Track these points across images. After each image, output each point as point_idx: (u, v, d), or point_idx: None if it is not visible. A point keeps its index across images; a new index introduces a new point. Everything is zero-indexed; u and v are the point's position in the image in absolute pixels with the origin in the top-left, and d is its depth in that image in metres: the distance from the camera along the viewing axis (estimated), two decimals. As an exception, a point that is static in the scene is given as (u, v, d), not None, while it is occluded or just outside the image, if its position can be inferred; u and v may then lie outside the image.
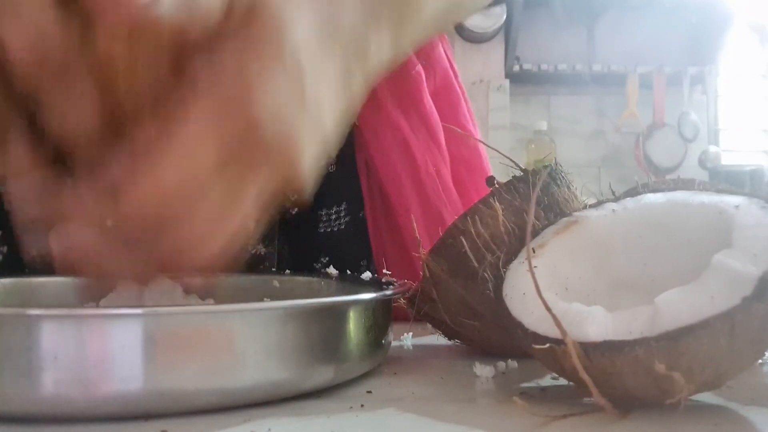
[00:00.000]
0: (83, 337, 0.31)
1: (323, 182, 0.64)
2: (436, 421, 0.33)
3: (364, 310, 0.40)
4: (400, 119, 0.64)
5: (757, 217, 0.35)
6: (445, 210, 0.63)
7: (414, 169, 0.64)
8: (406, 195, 0.64)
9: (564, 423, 0.32)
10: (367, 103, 0.63)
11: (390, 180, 0.64)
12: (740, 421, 0.34)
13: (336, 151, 0.63)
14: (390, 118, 0.64)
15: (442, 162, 0.66)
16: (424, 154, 0.65)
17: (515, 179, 0.46)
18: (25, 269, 0.58)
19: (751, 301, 0.30)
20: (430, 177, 0.64)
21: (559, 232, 0.42)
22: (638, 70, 2.88)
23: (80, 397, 0.31)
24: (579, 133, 3.02)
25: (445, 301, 0.46)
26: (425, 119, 0.66)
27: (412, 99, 0.65)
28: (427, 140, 0.65)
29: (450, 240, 0.44)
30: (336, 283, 0.52)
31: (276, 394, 0.36)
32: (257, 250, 0.60)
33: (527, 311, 0.36)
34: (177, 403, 0.33)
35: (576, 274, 0.41)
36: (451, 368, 0.45)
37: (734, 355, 0.32)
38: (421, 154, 0.64)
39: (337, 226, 0.65)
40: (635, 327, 0.32)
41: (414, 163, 0.64)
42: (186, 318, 0.34)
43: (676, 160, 2.92)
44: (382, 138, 0.64)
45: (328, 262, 0.64)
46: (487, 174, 0.71)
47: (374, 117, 0.64)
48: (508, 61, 2.77)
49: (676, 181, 0.42)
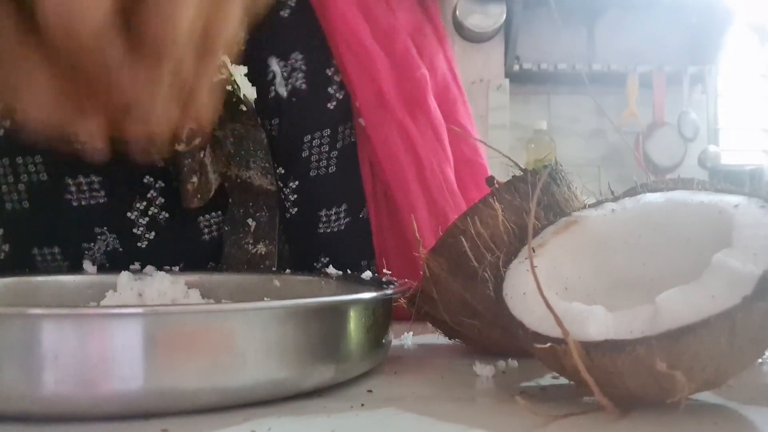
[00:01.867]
0: (84, 336, 0.31)
1: (323, 183, 0.64)
2: (437, 420, 0.33)
3: (365, 310, 0.40)
4: (407, 120, 0.65)
5: (757, 216, 0.35)
6: (450, 210, 0.64)
7: (420, 169, 0.65)
8: (412, 195, 0.64)
9: (564, 422, 0.33)
10: (374, 103, 0.64)
11: (396, 180, 0.64)
12: (740, 420, 0.34)
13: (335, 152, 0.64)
14: (397, 119, 0.64)
15: (447, 163, 0.66)
16: (430, 154, 0.65)
17: (515, 179, 0.46)
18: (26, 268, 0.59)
19: (751, 300, 0.30)
20: (436, 177, 0.65)
21: (558, 231, 0.42)
22: (638, 69, 2.88)
23: (81, 397, 0.31)
24: (579, 132, 3.02)
25: (445, 301, 0.46)
26: (430, 120, 0.66)
27: (417, 100, 0.66)
28: (433, 141, 0.66)
29: (450, 239, 0.45)
30: (336, 282, 0.52)
31: (276, 394, 0.36)
32: (258, 249, 0.60)
33: (528, 310, 0.36)
34: (177, 402, 0.33)
35: (575, 274, 0.41)
36: (452, 367, 0.45)
37: (735, 353, 0.32)
38: (426, 155, 0.65)
39: (336, 227, 0.65)
40: (636, 326, 0.32)
41: (420, 163, 0.65)
42: (186, 317, 0.34)
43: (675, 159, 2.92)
44: (390, 138, 0.64)
45: (328, 262, 0.64)
46: (485, 172, 0.71)
47: (381, 117, 0.64)
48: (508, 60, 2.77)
49: (676, 181, 0.42)
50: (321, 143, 0.64)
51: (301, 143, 0.63)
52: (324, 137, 0.64)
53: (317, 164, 0.64)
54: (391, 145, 0.64)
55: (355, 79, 0.64)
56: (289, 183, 0.63)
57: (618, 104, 2.94)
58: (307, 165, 0.64)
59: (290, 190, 0.63)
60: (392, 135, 0.64)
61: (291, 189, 0.63)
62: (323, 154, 0.64)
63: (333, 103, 0.64)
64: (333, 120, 0.65)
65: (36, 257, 0.60)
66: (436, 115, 0.67)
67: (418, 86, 0.66)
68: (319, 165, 0.64)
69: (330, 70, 0.65)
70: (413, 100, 0.66)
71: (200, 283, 0.53)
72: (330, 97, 0.64)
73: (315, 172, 0.64)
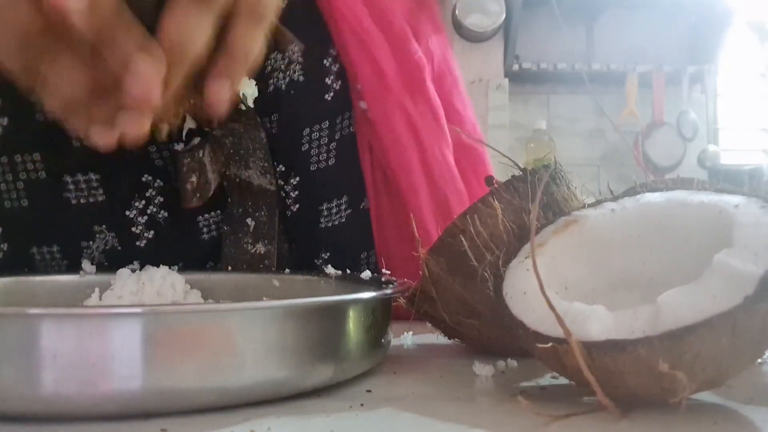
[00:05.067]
0: (83, 335, 0.31)
1: (324, 176, 0.64)
2: (436, 420, 0.33)
3: (364, 309, 0.40)
4: (408, 102, 0.65)
5: (757, 216, 0.35)
6: (451, 193, 0.64)
7: (422, 151, 0.65)
8: (415, 177, 0.64)
9: (564, 422, 0.32)
10: (376, 84, 0.64)
11: (399, 162, 0.64)
12: (739, 420, 0.34)
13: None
14: (399, 102, 0.64)
15: (446, 145, 0.67)
16: (431, 137, 0.65)
17: (514, 178, 0.46)
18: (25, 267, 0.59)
19: (752, 300, 0.30)
20: (437, 160, 0.65)
21: (558, 231, 0.42)
22: (637, 69, 2.88)
23: (80, 396, 0.31)
24: (578, 132, 3.02)
25: (444, 300, 0.46)
26: (430, 103, 0.66)
27: (417, 83, 0.66)
28: (432, 124, 0.66)
29: (449, 239, 0.44)
30: (336, 282, 0.52)
31: (276, 393, 0.36)
32: (257, 249, 0.60)
33: (528, 310, 0.36)
34: (176, 402, 0.33)
35: (575, 274, 0.41)
36: (451, 367, 0.45)
37: (736, 353, 0.32)
38: (427, 138, 0.65)
39: (338, 220, 0.65)
40: (637, 326, 0.32)
41: (422, 146, 0.65)
42: (185, 317, 0.33)
43: (675, 159, 2.92)
44: (392, 119, 0.64)
45: (329, 257, 0.64)
46: (483, 159, 0.71)
47: (384, 98, 0.64)
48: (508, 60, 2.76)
49: (675, 181, 0.42)
50: (320, 135, 0.64)
51: (301, 137, 0.63)
52: (323, 129, 0.64)
53: (317, 157, 0.64)
54: (394, 126, 0.64)
55: (356, 61, 0.64)
56: (290, 180, 0.63)
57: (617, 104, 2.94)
58: (307, 159, 0.63)
59: (291, 187, 0.63)
60: (395, 116, 0.64)
61: (292, 186, 0.63)
62: (323, 146, 0.64)
63: (330, 94, 0.64)
64: (331, 111, 0.64)
65: (35, 256, 0.59)
66: (434, 99, 0.67)
67: (417, 69, 0.66)
68: (319, 158, 0.64)
69: (327, 61, 0.64)
70: (413, 82, 0.66)
71: (199, 283, 0.53)
72: (328, 88, 0.64)
73: (315, 165, 0.64)
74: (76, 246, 0.59)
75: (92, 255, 0.59)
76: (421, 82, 0.66)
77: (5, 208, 0.59)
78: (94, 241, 0.59)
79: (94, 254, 0.59)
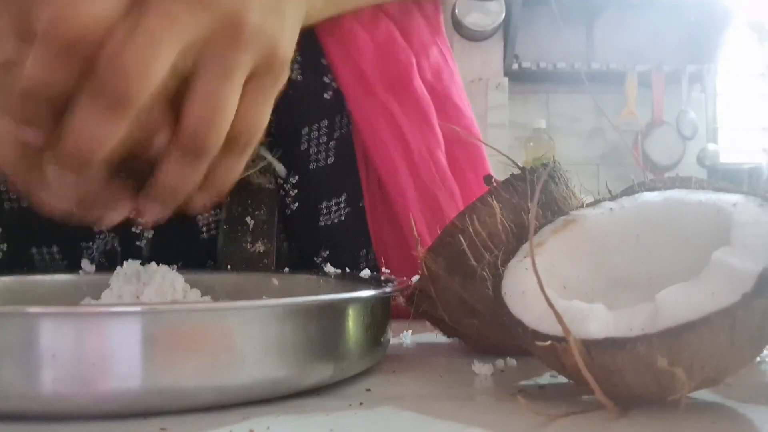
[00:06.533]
0: (82, 334, 0.31)
1: (323, 174, 0.64)
2: (435, 419, 0.33)
3: (363, 308, 0.40)
4: (393, 104, 0.64)
5: (755, 214, 0.35)
6: (440, 193, 0.63)
7: (407, 153, 0.64)
8: (401, 179, 0.63)
9: (563, 420, 0.33)
10: (357, 87, 0.63)
11: (384, 165, 0.64)
12: (738, 419, 0.34)
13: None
14: (382, 103, 0.64)
15: (436, 144, 0.66)
16: (418, 137, 0.64)
17: (513, 177, 0.46)
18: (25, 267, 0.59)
19: (751, 297, 0.30)
20: (424, 161, 0.64)
21: (557, 230, 0.42)
22: (637, 68, 2.88)
23: (79, 395, 0.31)
24: (577, 131, 3.02)
25: (443, 300, 0.46)
26: (417, 102, 0.65)
27: (402, 82, 0.65)
28: (420, 123, 0.65)
29: (448, 238, 0.44)
30: (335, 280, 0.52)
31: (275, 392, 0.36)
32: (256, 248, 0.60)
33: (527, 309, 0.36)
34: (176, 401, 0.33)
35: (574, 273, 0.41)
36: (450, 366, 0.45)
37: (734, 351, 0.32)
38: (414, 138, 0.64)
39: (337, 218, 0.65)
40: (636, 324, 0.32)
41: (407, 148, 0.64)
42: (185, 316, 0.33)
43: (674, 158, 2.92)
44: (376, 125, 0.64)
45: (329, 255, 0.64)
46: (482, 155, 0.70)
47: (366, 103, 0.64)
48: (507, 59, 2.77)
49: (674, 180, 0.42)
50: (319, 134, 0.64)
51: (300, 136, 0.63)
52: (322, 128, 0.64)
53: (316, 156, 0.64)
54: (376, 129, 0.63)
55: (337, 64, 0.63)
56: (290, 179, 0.63)
57: (617, 103, 2.94)
58: (306, 158, 0.63)
59: (290, 186, 0.63)
60: (377, 119, 0.64)
61: (291, 184, 0.63)
62: (321, 145, 0.64)
63: (329, 93, 0.64)
64: (330, 110, 0.64)
65: (35, 256, 0.59)
66: (423, 98, 0.66)
67: (402, 68, 0.65)
68: (318, 157, 0.64)
69: (325, 60, 0.64)
70: (398, 82, 0.65)
71: (199, 282, 0.53)
72: (326, 86, 0.64)
73: (314, 164, 0.64)
74: (76, 246, 0.59)
75: (92, 255, 0.59)
76: (408, 81, 0.65)
77: (5, 209, 0.59)
78: (94, 241, 0.59)
79: (94, 254, 0.59)
